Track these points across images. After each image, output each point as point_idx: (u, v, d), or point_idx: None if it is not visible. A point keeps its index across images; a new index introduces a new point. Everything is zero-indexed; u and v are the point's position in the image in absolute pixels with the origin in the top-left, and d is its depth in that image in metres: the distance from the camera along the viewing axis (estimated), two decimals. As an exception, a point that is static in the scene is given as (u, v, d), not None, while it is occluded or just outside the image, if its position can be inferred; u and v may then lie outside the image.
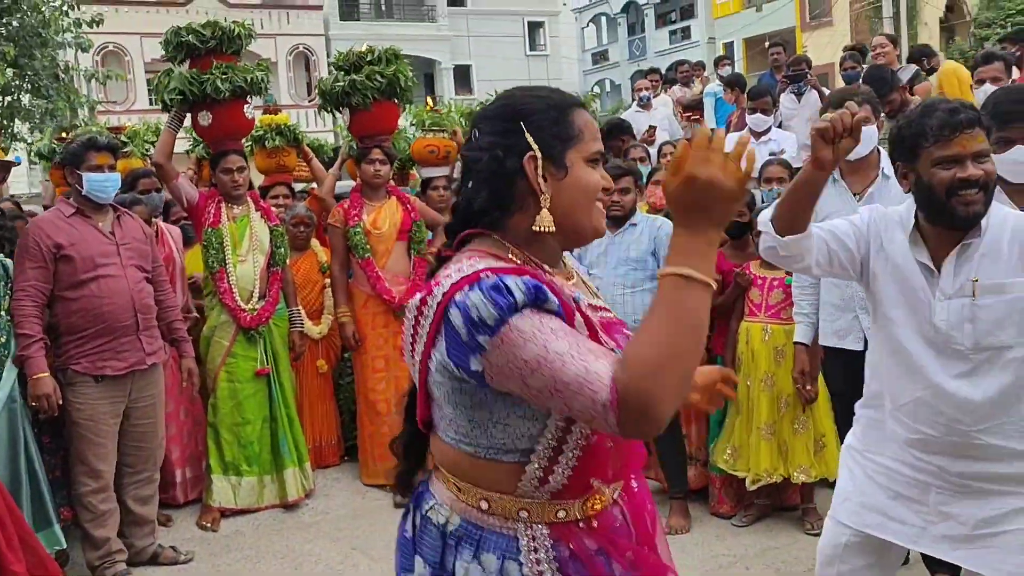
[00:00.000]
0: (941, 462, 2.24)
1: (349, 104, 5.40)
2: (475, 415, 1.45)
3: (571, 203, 1.49)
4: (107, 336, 3.89)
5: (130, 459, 4.09)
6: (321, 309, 5.48)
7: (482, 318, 1.33)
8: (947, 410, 2.19)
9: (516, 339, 1.32)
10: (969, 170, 2.11)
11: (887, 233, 2.31)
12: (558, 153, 1.48)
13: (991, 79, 5.10)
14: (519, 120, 1.48)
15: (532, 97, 1.53)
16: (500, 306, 1.32)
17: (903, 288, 2.26)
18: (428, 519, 1.55)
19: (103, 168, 3.96)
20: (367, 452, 5.12)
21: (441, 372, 1.43)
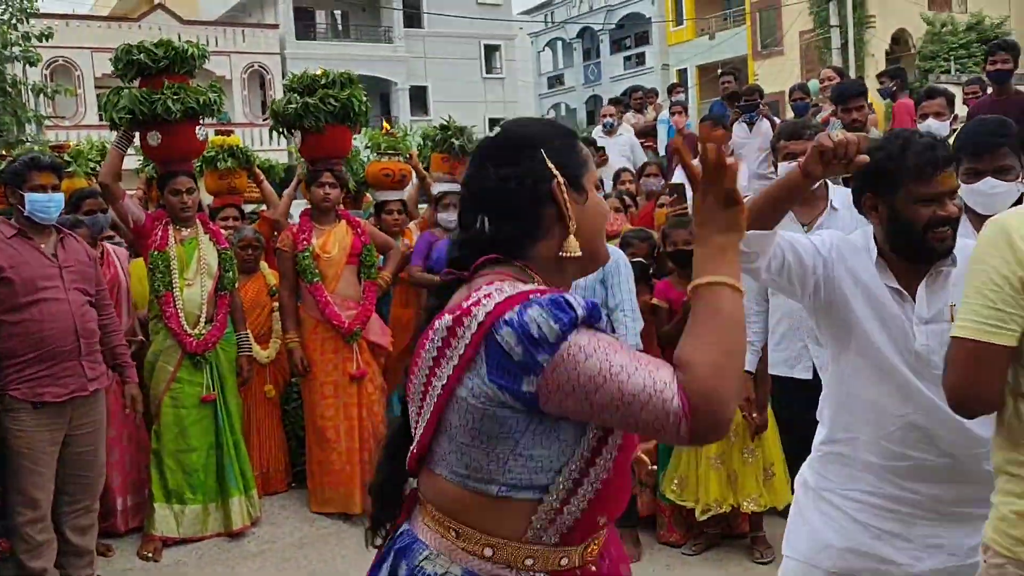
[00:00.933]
0: (930, 489, 2.19)
1: (301, 127, 5.35)
2: (497, 447, 1.38)
3: (592, 227, 1.51)
4: (48, 361, 3.79)
5: (69, 488, 3.97)
6: (269, 333, 5.41)
7: (543, 335, 1.31)
8: (943, 432, 2.16)
9: (578, 355, 1.30)
10: (948, 208, 2.14)
11: (853, 258, 2.29)
12: (578, 177, 1.50)
13: (934, 113, 5.23)
14: (537, 147, 1.48)
15: (541, 125, 1.57)
16: (563, 321, 1.31)
17: (877, 310, 2.24)
18: (422, 570, 1.44)
19: (46, 188, 3.87)
20: (316, 480, 5.03)
21: (475, 399, 1.36)
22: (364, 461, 4.99)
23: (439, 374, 1.39)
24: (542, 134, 1.51)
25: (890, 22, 26.36)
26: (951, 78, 19.37)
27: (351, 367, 4.99)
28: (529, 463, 1.39)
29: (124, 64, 4.83)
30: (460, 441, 1.41)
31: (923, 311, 2.20)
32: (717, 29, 31.97)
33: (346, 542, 4.68)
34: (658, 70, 33.76)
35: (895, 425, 2.22)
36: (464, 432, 1.40)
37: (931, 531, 2.20)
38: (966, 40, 25.13)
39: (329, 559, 4.46)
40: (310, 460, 5.08)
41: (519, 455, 1.38)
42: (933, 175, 2.12)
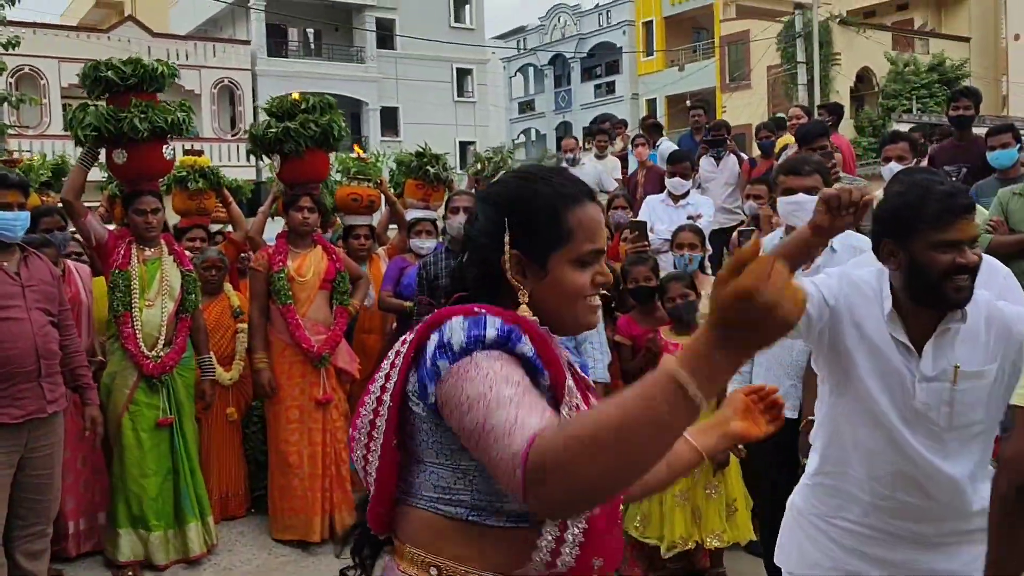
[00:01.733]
0: (915, 526, 2.25)
1: (280, 151, 5.32)
2: (460, 461, 1.35)
3: (551, 302, 1.45)
4: (6, 382, 3.70)
5: (22, 511, 3.86)
6: (232, 355, 5.35)
7: (450, 343, 1.31)
8: (927, 484, 2.21)
9: (470, 371, 1.28)
10: (967, 256, 2.10)
11: (862, 307, 2.27)
12: (538, 255, 1.44)
13: (896, 157, 5.33)
14: (503, 213, 1.45)
15: (528, 188, 1.47)
16: (471, 336, 1.30)
17: (879, 364, 2.23)
18: None
19: (11, 206, 3.80)
20: (276, 506, 4.97)
21: (418, 406, 1.37)
22: (325, 488, 4.94)
23: (388, 387, 1.39)
24: (519, 199, 1.46)
25: (855, 60, 26.96)
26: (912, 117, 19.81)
27: (318, 392, 4.95)
28: (493, 483, 1.31)
29: (91, 80, 4.74)
30: (424, 459, 1.40)
31: (927, 368, 2.19)
32: (686, 61, 32.45)
33: (304, 571, 4.62)
34: (628, 99, 34.14)
35: (884, 471, 2.26)
36: (425, 447, 1.39)
37: (913, 556, 2.26)
38: (928, 80, 25.74)
39: (287, 588, 4.40)
40: (272, 485, 5.02)
41: (482, 469, 1.32)
42: (952, 222, 2.09)
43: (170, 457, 4.60)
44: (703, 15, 31.96)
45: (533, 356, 1.32)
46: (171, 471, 4.60)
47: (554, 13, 37.83)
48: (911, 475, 2.23)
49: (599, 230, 1.47)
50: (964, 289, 2.13)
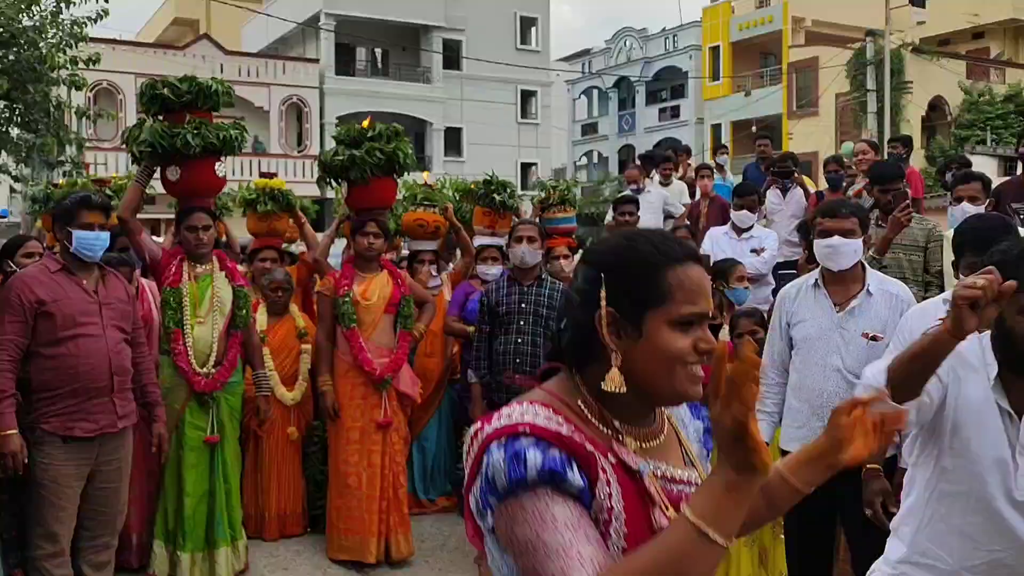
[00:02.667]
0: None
1: (347, 178, 5.41)
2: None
3: (646, 366, 1.39)
4: (80, 396, 3.82)
5: (89, 523, 3.97)
6: (296, 375, 5.44)
7: (495, 482, 1.31)
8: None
9: (516, 515, 1.30)
10: None
11: (968, 378, 2.18)
12: (634, 315, 1.39)
13: (968, 198, 5.19)
14: (599, 271, 1.42)
15: (627, 244, 1.44)
16: (511, 478, 1.29)
17: (987, 438, 2.14)
18: None
19: (94, 226, 3.93)
20: (334, 526, 5.01)
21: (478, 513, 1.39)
22: (382, 510, 4.98)
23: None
24: (617, 254, 1.43)
25: (928, 89, 26.39)
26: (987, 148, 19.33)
27: (379, 415, 5.00)
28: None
29: (148, 98, 4.81)
30: (491, 551, 1.42)
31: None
32: (753, 87, 32.16)
33: (359, 593, 4.65)
34: (692, 123, 33.94)
35: (981, 559, 2.16)
36: (490, 541, 1.40)
37: None
38: (1003, 110, 25.14)
39: (341, 610, 4.43)
40: (330, 505, 5.07)
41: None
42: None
43: (208, 478, 4.62)
44: (771, 41, 31.68)
45: (579, 490, 1.31)
46: (208, 492, 4.62)
47: (620, 36, 37.84)
48: (1010, 565, 2.13)
49: (702, 293, 1.41)
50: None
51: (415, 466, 5.79)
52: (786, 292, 3.82)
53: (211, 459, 4.64)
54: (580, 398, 1.44)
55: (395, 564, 4.99)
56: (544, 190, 6.75)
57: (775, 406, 3.72)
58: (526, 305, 5.06)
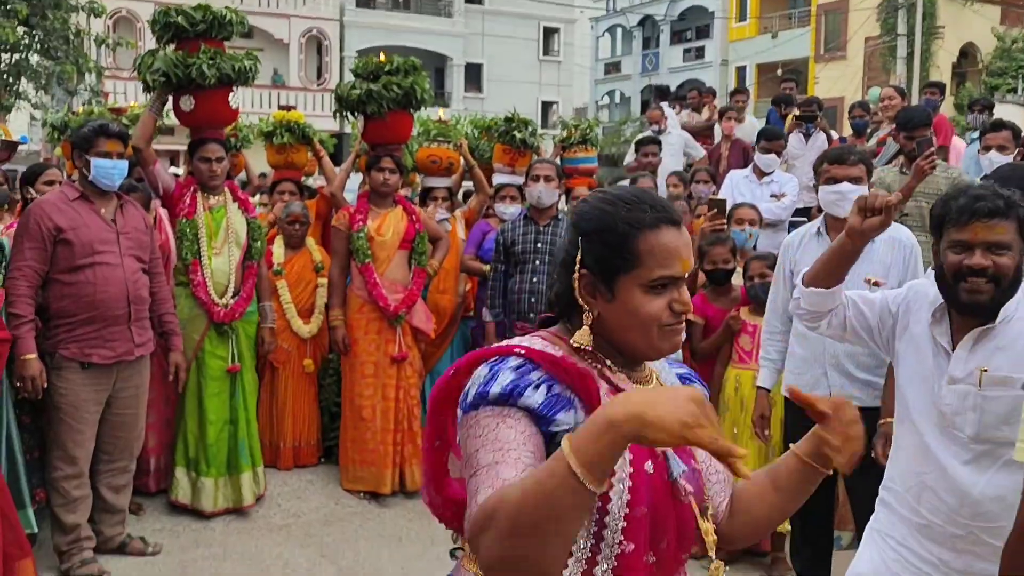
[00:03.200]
0: (943, 554, 2.21)
1: (364, 112, 5.37)
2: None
3: (619, 325, 1.46)
4: (98, 324, 3.88)
5: (108, 447, 4.08)
6: (312, 308, 5.47)
7: (467, 393, 1.39)
8: (947, 498, 2.18)
9: (472, 428, 1.36)
10: (975, 258, 2.11)
11: (917, 312, 2.33)
12: (606, 279, 1.45)
13: (997, 147, 5.12)
14: (579, 234, 1.49)
15: (602, 209, 1.48)
16: (479, 391, 1.36)
17: (920, 366, 2.27)
18: None
19: (111, 155, 3.95)
20: (348, 456, 5.11)
21: None
22: (397, 442, 5.06)
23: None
24: (596, 221, 1.47)
25: (959, 34, 25.73)
26: (1017, 97, 18.92)
27: (393, 349, 5.05)
28: None
29: (161, 26, 4.76)
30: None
31: (956, 370, 2.19)
32: (780, 28, 31.46)
33: (370, 523, 4.75)
34: (717, 65, 33.33)
35: (913, 482, 2.27)
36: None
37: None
38: (1036, 59, 24.51)
39: (352, 539, 4.53)
40: (344, 437, 5.15)
41: None
42: (967, 222, 2.12)
43: (229, 406, 4.71)
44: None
45: (539, 407, 1.34)
46: (229, 420, 4.70)
47: (646, -27, 37.03)
48: (934, 489, 2.20)
49: (676, 256, 1.44)
50: (977, 292, 2.12)
51: (426, 400, 5.85)
52: (790, 240, 3.82)
53: (231, 387, 4.72)
54: (574, 341, 1.50)
55: (410, 494, 5.08)
56: (565, 129, 6.69)
57: (778, 354, 3.74)
58: (542, 245, 5.07)
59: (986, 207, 2.12)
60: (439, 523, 1.59)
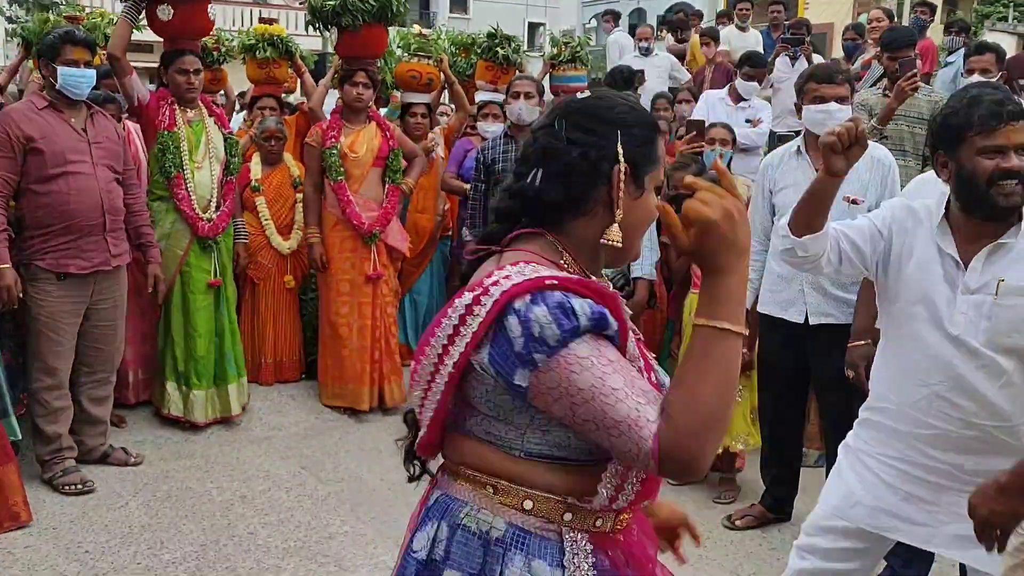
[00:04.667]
0: (955, 459, 2.25)
1: (338, 24, 5.26)
2: (515, 418, 1.41)
3: (636, 223, 1.47)
4: (73, 234, 3.86)
5: (87, 359, 4.09)
6: (291, 224, 5.45)
7: (543, 336, 1.30)
8: (963, 403, 2.21)
9: (573, 365, 1.30)
10: (1012, 161, 2.12)
11: (914, 229, 2.32)
12: (641, 172, 1.46)
13: (980, 70, 5.07)
14: (617, 128, 1.44)
15: (629, 108, 1.49)
16: (564, 328, 1.30)
17: (925, 280, 2.26)
18: (464, 528, 1.44)
19: (78, 63, 3.87)
20: (327, 374, 5.15)
21: (482, 374, 1.40)
22: (375, 360, 5.10)
23: (451, 351, 1.40)
24: (626, 118, 1.46)
25: (953, -40, 25.32)
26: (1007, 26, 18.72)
27: (368, 268, 5.04)
28: (547, 437, 1.41)
29: None
30: (481, 411, 1.44)
31: (972, 280, 2.21)
32: (772, -49, 30.80)
33: (349, 437, 4.82)
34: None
35: (921, 395, 2.27)
36: (483, 403, 1.43)
37: (955, 499, 2.24)
38: (1030, -13, 24.15)
39: (332, 452, 4.60)
40: (322, 354, 5.19)
41: (536, 429, 1.41)
42: (996, 127, 2.12)
43: (215, 318, 4.73)
44: (795, -99, 30.13)
45: (616, 336, 1.35)
46: (215, 332, 4.73)
47: None
48: (947, 398, 2.23)
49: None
50: (1013, 195, 2.14)
51: (407, 319, 5.89)
52: (769, 160, 3.82)
53: (216, 300, 4.73)
54: (561, 256, 1.46)
55: (388, 411, 5.15)
56: (555, 45, 6.58)
57: (755, 272, 3.75)
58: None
59: (1013, 110, 2.15)
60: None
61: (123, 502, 3.91)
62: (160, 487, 4.06)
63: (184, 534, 3.65)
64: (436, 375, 1.44)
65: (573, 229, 1.46)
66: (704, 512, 3.98)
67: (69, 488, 3.93)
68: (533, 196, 1.45)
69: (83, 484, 3.96)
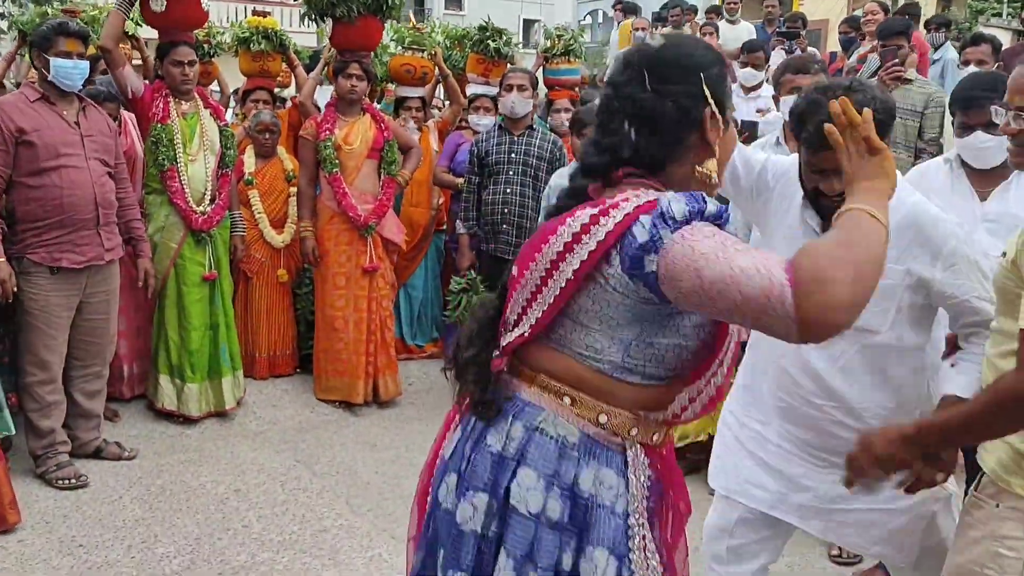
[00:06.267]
0: (800, 433, 2.28)
1: (333, 15, 5.24)
2: (622, 332, 1.49)
3: (724, 155, 1.58)
4: (66, 228, 3.84)
5: (80, 353, 4.07)
6: (285, 218, 5.44)
7: (671, 214, 1.39)
8: (801, 380, 2.23)
9: (696, 235, 1.38)
10: (833, 186, 2.07)
11: (791, 190, 2.26)
12: (724, 109, 1.54)
13: (976, 61, 5.07)
14: (698, 72, 1.52)
15: (704, 49, 1.58)
16: (692, 208, 1.40)
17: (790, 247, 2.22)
18: (542, 431, 1.54)
19: (71, 55, 3.85)
20: (321, 367, 5.14)
21: (610, 287, 1.47)
22: (370, 353, 5.09)
23: (569, 260, 1.47)
24: (705, 60, 1.55)
25: (947, -45, 25.29)
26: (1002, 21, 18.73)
27: (364, 260, 5.03)
28: (648, 350, 1.51)
29: None
30: (585, 324, 1.51)
31: None
32: (767, -54, 30.81)
33: (345, 431, 4.81)
34: (702, -16, 32.73)
35: (771, 366, 2.30)
36: (592, 316, 1.50)
37: (803, 472, 2.29)
38: (1024, -19, 24.15)
39: (327, 445, 4.59)
40: (317, 348, 5.17)
41: (642, 342, 1.50)
42: (818, 151, 2.05)
43: (209, 311, 4.71)
44: None
45: (733, 232, 1.45)
46: (209, 326, 4.72)
47: None
48: (788, 372, 2.25)
49: None
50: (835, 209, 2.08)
51: (402, 313, 5.88)
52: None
53: (211, 293, 4.72)
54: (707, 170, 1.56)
55: (383, 404, 5.14)
56: (549, 39, 6.56)
57: None
58: (515, 155, 5.03)
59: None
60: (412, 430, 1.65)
61: (117, 496, 3.89)
62: (154, 481, 4.05)
63: (178, 528, 3.63)
64: (542, 287, 1.51)
65: (670, 172, 1.54)
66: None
67: (63, 482, 3.91)
68: (629, 149, 1.53)
69: (77, 478, 3.94)
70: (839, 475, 1.99)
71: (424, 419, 4.90)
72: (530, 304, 1.54)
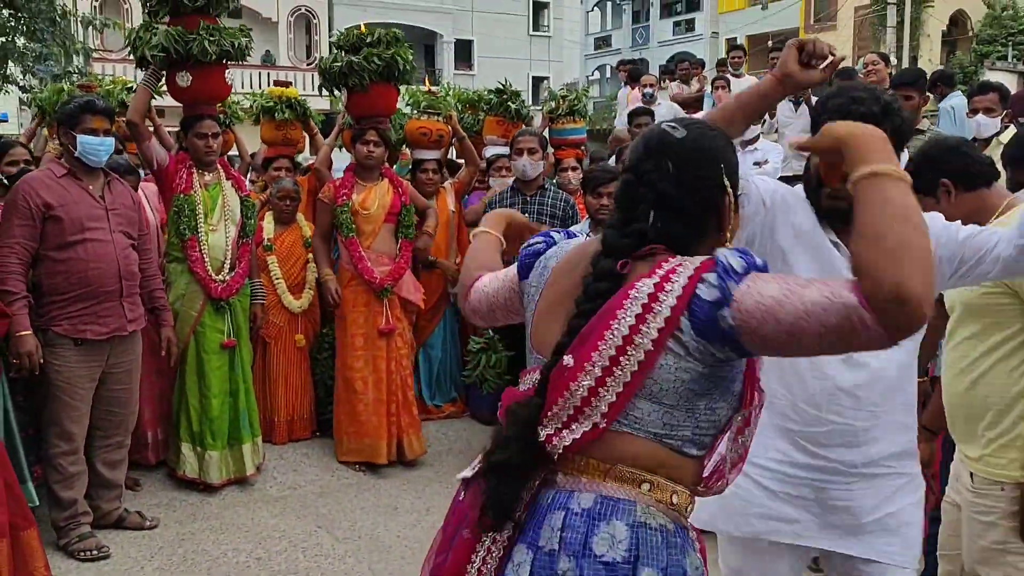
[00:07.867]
0: (842, 456, 2.18)
1: (347, 84, 5.37)
2: (699, 402, 1.52)
3: (735, 226, 1.63)
4: (90, 300, 3.90)
5: (103, 423, 4.10)
6: (303, 283, 5.50)
7: (733, 267, 1.45)
8: (866, 393, 2.16)
9: (759, 283, 1.43)
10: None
11: (799, 209, 2.22)
12: (738, 191, 1.63)
13: (984, 109, 5.13)
14: (719, 162, 1.60)
15: (722, 139, 1.66)
16: (748, 262, 1.46)
17: (819, 264, 2.16)
18: (646, 526, 1.51)
19: (98, 132, 3.95)
20: (342, 429, 5.15)
21: (688, 359, 1.48)
22: (391, 413, 5.11)
23: (644, 331, 1.47)
24: (723, 149, 1.63)
25: (949, 2, 25.65)
26: (1007, 65, 18.87)
27: (381, 322, 5.08)
28: (711, 416, 1.54)
29: (157, 1, 4.72)
30: (661, 399, 1.51)
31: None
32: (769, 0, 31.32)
33: (366, 494, 4.80)
34: (707, 38, 33.19)
35: (816, 389, 2.18)
36: (668, 391, 1.50)
37: (840, 493, 2.20)
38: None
39: (348, 510, 4.57)
40: (337, 410, 5.19)
41: (709, 409, 1.54)
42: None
43: (229, 378, 4.75)
44: (791, -49, 30.70)
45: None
46: (229, 392, 4.75)
47: (635, -54, 36.75)
48: (846, 389, 2.15)
49: None
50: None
51: (421, 373, 5.90)
52: None
53: (231, 360, 4.75)
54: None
55: (408, 464, 5.14)
56: (554, 99, 6.67)
57: None
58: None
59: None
60: (432, 492, 1.64)
61: (139, 567, 3.88)
62: (175, 550, 4.04)
63: (202, 598, 3.62)
64: (613, 369, 1.49)
65: (688, 250, 1.58)
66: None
67: (84, 554, 3.91)
68: (655, 233, 1.59)
69: (98, 550, 3.94)
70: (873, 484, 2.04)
71: (444, 481, 4.88)
72: (595, 392, 1.50)
